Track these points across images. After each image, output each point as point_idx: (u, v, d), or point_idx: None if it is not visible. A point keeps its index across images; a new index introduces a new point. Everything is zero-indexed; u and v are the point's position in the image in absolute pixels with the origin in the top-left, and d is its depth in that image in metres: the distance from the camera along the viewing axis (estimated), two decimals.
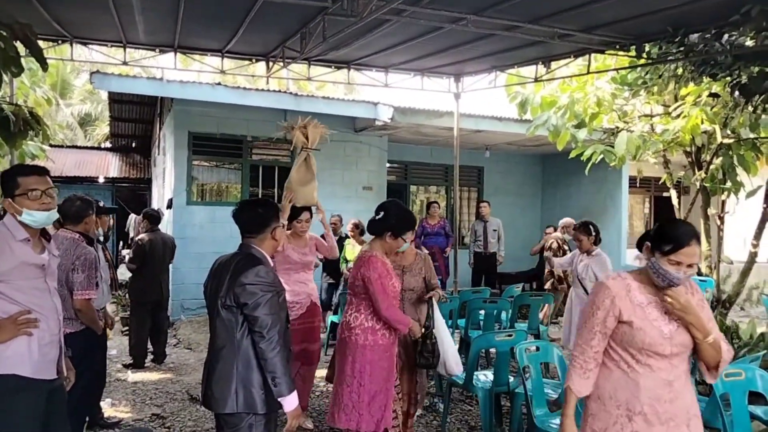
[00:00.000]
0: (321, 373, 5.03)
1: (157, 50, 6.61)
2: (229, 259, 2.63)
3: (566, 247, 8.10)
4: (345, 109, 8.76)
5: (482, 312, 5.70)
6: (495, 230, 9.28)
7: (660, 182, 8.81)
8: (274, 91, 9.29)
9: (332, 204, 8.31)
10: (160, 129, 11.58)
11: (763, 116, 5.66)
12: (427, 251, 8.51)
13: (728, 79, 5.00)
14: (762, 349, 5.05)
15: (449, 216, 10.54)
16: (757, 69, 4.63)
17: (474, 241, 9.46)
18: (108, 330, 4.34)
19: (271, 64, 6.91)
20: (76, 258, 3.46)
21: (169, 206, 8.99)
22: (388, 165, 10.45)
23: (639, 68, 6.16)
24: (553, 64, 6.75)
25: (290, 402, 2.44)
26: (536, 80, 6.96)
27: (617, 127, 7.52)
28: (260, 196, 9.27)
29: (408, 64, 7.19)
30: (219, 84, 8.17)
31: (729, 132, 6.72)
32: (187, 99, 8.21)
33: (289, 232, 4.33)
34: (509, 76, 7.32)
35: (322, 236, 4.60)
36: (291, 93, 8.97)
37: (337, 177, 9.49)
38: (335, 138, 9.40)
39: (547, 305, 7.13)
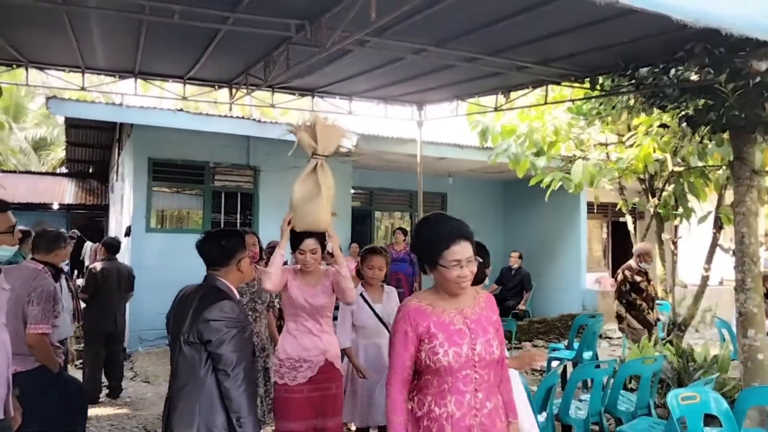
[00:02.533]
0: None
1: (117, 76, 6.51)
2: (193, 292, 2.54)
3: (638, 278, 6.59)
4: None
5: None
6: None
7: (617, 208, 9.08)
8: (237, 117, 9.25)
9: None
10: (118, 155, 11.34)
11: (710, 145, 5.92)
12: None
13: (677, 110, 5.23)
14: (716, 371, 5.20)
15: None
16: (702, 102, 4.85)
17: None
18: (70, 365, 4.12)
19: (234, 90, 6.89)
20: (33, 290, 3.32)
21: (128, 234, 8.76)
22: (352, 191, 10.48)
23: (593, 99, 6.39)
24: (513, 94, 6.94)
25: None
26: (496, 109, 7.13)
27: (574, 155, 7.75)
28: (222, 222, 9.15)
29: (371, 92, 7.28)
30: (180, 110, 8.09)
31: (679, 160, 7.01)
32: (147, 125, 8.09)
33: (296, 266, 3.50)
34: (470, 105, 7.49)
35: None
36: (254, 119, 8.95)
37: None
38: (299, 165, 9.48)
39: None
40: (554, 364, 6.37)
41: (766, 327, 4.69)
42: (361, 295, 3.77)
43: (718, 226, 7.10)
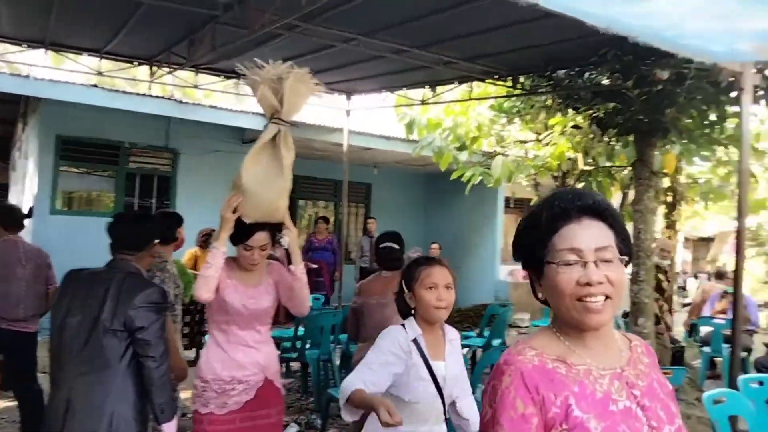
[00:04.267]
0: None
1: (25, 45, 6.05)
2: (102, 277, 2.33)
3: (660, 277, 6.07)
4: (233, 119, 8.56)
5: None
6: None
7: (531, 203, 9.55)
8: (157, 96, 8.85)
9: (216, 221, 8.04)
10: (23, 130, 10.53)
11: (617, 147, 6.36)
12: (315, 266, 8.66)
13: (588, 112, 5.58)
14: None
15: (337, 231, 10.61)
16: (611, 105, 5.21)
17: (360, 256, 9.61)
18: None
19: (154, 68, 6.60)
20: None
21: (30, 215, 8.17)
22: None
23: (514, 98, 6.68)
24: (439, 89, 7.11)
25: (172, 427, 2.31)
26: (423, 103, 7.28)
27: (495, 151, 8.07)
28: (137, 207, 8.74)
29: None
30: (95, 86, 7.63)
31: (590, 160, 7.48)
32: (56, 99, 7.57)
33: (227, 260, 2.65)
34: (398, 97, 7.60)
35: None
36: (175, 99, 8.60)
37: (221, 191, 9.17)
38: (221, 149, 9.24)
39: None
40: (464, 351, 6.62)
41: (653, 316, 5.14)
42: (415, 341, 2.09)
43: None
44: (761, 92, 4.41)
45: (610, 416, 1.08)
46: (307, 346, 5.40)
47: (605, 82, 5.09)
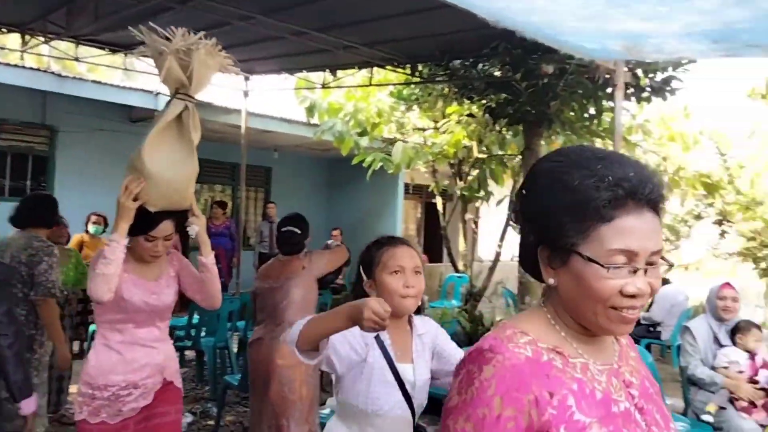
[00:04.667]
0: None
1: None
2: None
3: None
4: (119, 96, 7.99)
5: None
6: None
7: (429, 190, 9.84)
8: (31, 68, 8.06)
9: (102, 203, 7.52)
10: None
11: (508, 136, 6.70)
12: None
13: (482, 102, 5.83)
14: None
15: (235, 216, 10.32)
16: (503, 96, 5.48)
17: (260, 242, 9.44)
18: None
19: (27, 37, 6.00)
20: None
21: None
22: None
23: (413, 85, 6.82)
24: (340, 73, 7.10)
25: (31, 404, 2.26)
26: (323, 86, 7.23)
27: (395, 138, 8.21)
28: (7, 189, 7.97)
29: None
30: None
31: (484, 148, 7.82)
32: None
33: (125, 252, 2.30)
34: (298, 80, 7.48)
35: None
36: (53, 72, 7.89)
37: (107, 173, 8.59)
38: (107, 128, 8.61)
39: None
40: None
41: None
42: (377, 338, 1.75)
43: (512, 208, 8.10)
44: (632, 89, 4.83)
45: (613, 420, 0.92)
46: (203, 333, 5.25)
47: (497, 73, 5.34)
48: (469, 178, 8.39)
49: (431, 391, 4.74)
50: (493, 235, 9.97)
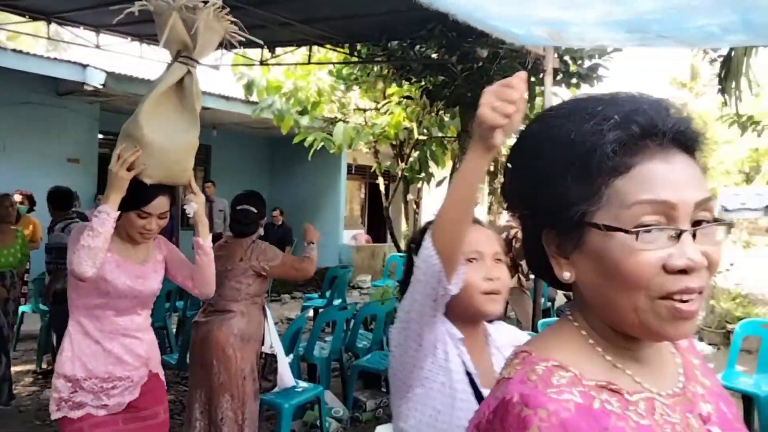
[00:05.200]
0: None
1: None
2: None
3: None
4: (44, 68, 7.59)
5: None
6: (221, 210, 9.23)
7: (372, 170, 9.89)
8: None
9: (27, 180, 7.16)
10: None
11: (446, 118, 6.81)
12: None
13: (420, 83, 5.89)
14: None
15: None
16: (440, 78, 5.55)
17: None
18: None
19: None
20: None
21: None
22: (101, 136, 9.43)
23: (352, 65, 6.80)
24: (279, 50, 6.98)
25: None
26: (262, 63, 7.10)
27: (336, 118, 8.18)
28: None
29: (124, 26, 6.58)
30: None
31: (424, 130, 7.92)
32: None
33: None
34: (236, 56, 7.31)
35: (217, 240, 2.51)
36: None
37: (32, 147, 8.18)
38: (32, 100, 8.16)
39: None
40: (309, 313, 6.80)
41: None
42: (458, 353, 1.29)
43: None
44: (561, 75, 5.00)
45: None
46: None
47: (434, 55, 5.40)
48: (411, 159, 8.49)
49: (365, 365, 4.76)
50: (434, 215, 10.16)
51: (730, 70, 4.20)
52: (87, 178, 8.76)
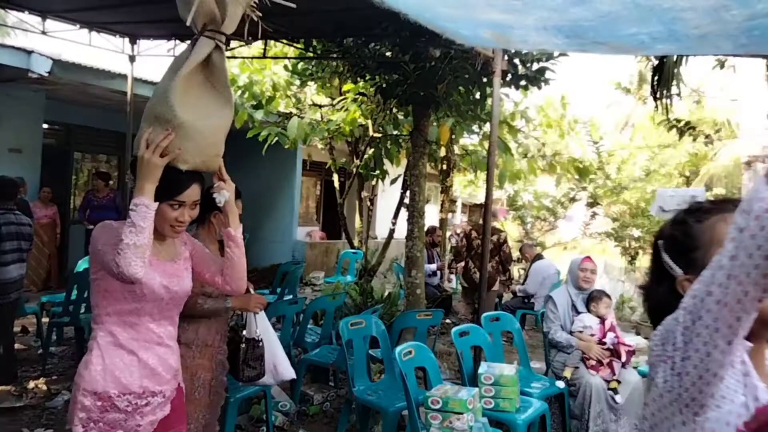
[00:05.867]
0: None
1: None
2: None
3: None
4: None
5: None
6: None
7: (327, 167, 9.90)
8: None
9: None
10: None
11: (400, 116, 6.90)
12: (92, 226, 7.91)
13: (374, 81, 5.96)
14: (390, 305, 6.26)
15: (121, 188, 9.80)
16: (394, 77, 5.63)
17: None
18: None
19: None
20: None
21: None
22: (45, 126, 9.11)
23: (308, 60, 6.82)
24: (234, 43, 6.91)
25: None
26: None
27: (291, 113, 8.16)
28: None
29: (73, 13, 6.40)
30: None
31: (379, 128, 8.00)
32: None
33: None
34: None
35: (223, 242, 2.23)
36: None
37: None
38: None
39: None
40: None
41: (425, 269, 5.82)
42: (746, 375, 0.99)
43: (406, 187, 8.38)
44: (510, 77, 5.16)
45: None
46: (82, 310, 5.04)
47: (388, 54, 5.47)
48: (365, 156, 8.55)
49: (313, 359, 4.76)
50: (388, 213, 10.25)
51: (662, 78, 4.46)
52: (30, 169, 8.46)
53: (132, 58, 7.31)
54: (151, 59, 7.73)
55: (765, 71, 5.18)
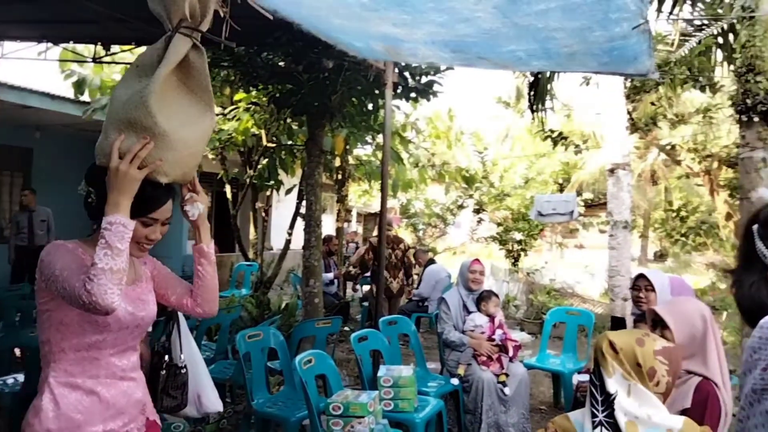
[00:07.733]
0: None
1: None
2: None
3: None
4: None
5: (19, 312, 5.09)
6: (44, 221, 8.34)
7: (219, 177, 9.60)
8: None
9: None
10: None
11: (294, 126, 6.89)
12: None
13: (268, 91, 5.92)
14: (288, 316, 6.20)
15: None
16: (288, 86, 5.63)
17: (17, 233, 8.27)
18: None
19: None
20: None
21: None
22: None
23: None
24: (115, 47, 6.54)
25: None
26: (95, 60, 6.60)
27: None
28: None
29: None
30: None
31: (273, 137, 7.92)
32: None
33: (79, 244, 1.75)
34: (64, 51, 6.71)
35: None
36: None
37: None
38: None
39: None
40: None
41: (322, 278, 5.84)
42: None
43: (302, 197, 8.35)
44: (401, 89, 5.37)
45: None
46: None
47: (281, 63, 5.46)
48: (259, 166, 8.42)
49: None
50: (283, 223, 10.14)
51: (537, 92, 4.87)
52: None
53: None
54: (19, 63, 7.09)
55: (623, 88, 5.85)
